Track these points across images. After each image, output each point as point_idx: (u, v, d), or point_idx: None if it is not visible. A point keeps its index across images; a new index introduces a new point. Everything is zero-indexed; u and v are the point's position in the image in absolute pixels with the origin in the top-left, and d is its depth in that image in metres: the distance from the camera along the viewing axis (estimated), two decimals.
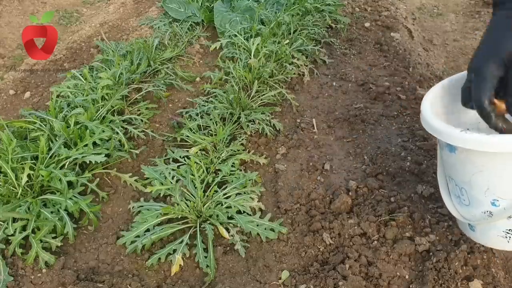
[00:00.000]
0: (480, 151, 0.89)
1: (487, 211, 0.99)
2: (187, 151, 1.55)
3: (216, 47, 2.12)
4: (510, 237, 0.99)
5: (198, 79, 2.05)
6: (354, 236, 1.23)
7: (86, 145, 1.46)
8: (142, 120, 1.73)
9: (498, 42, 0.89)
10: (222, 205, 1.33)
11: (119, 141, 1.58)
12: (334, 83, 1.99)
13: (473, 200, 1.01)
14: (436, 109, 1.08)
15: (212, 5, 2.47)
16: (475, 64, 0.92)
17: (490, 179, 0.94)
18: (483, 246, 1.17)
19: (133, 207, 1.37)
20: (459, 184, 1.03)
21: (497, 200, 0.96)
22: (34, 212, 1.27)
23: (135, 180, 1.46)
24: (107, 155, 1.50)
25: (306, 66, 2.03)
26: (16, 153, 1.40)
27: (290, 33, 2.18)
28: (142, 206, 1.36)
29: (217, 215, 1.30)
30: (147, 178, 1.46)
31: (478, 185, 0.97)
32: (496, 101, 0.90)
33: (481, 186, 0.97)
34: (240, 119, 1.66)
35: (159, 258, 1.22)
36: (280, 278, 1.16)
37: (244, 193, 1.38)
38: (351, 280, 1.10)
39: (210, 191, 1.35)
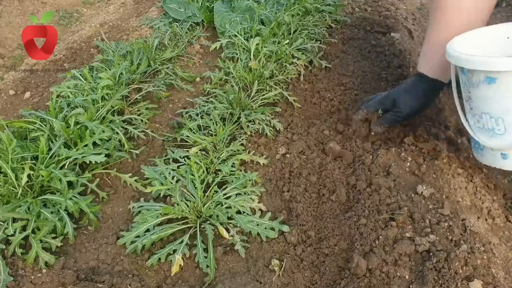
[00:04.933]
0: None
1: None
2: (187, 151, 1.55)
3: (216, 47, 2.12)
4: None
5: (198, 79, 2.05)
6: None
7: (86, 145, 1.46)
8: (142, 120, 1.73)
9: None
10: (222, 205, 1.33)
11: (119, 141, 1.58)
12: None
13: (509, 127, 1.14)
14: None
15: (212, 5, 2.47)
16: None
17: None
18: (483, 246, 1.17)
19: (133, 207, 1.37)
20: (495, 115, 1.15)
21: None
22: (34, 212, 1.27)
23: (135, 180, 1.46)
24: (107, 155, 1.50)
25: (306, 66, 2.02)
26: (16, 153, 1.39)
27: (290, 33, 2.18)
28: (142, 206, 1.36)
29: (217, 215, 1.30)
30: (147, 178, 1.46)
31: None
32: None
33: None
34: (240, 119, 1.66)
35: (159, 258, 1.22)
36: None
37: (244, 193, 1.38)
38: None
39: (210, 191, 1.35)
